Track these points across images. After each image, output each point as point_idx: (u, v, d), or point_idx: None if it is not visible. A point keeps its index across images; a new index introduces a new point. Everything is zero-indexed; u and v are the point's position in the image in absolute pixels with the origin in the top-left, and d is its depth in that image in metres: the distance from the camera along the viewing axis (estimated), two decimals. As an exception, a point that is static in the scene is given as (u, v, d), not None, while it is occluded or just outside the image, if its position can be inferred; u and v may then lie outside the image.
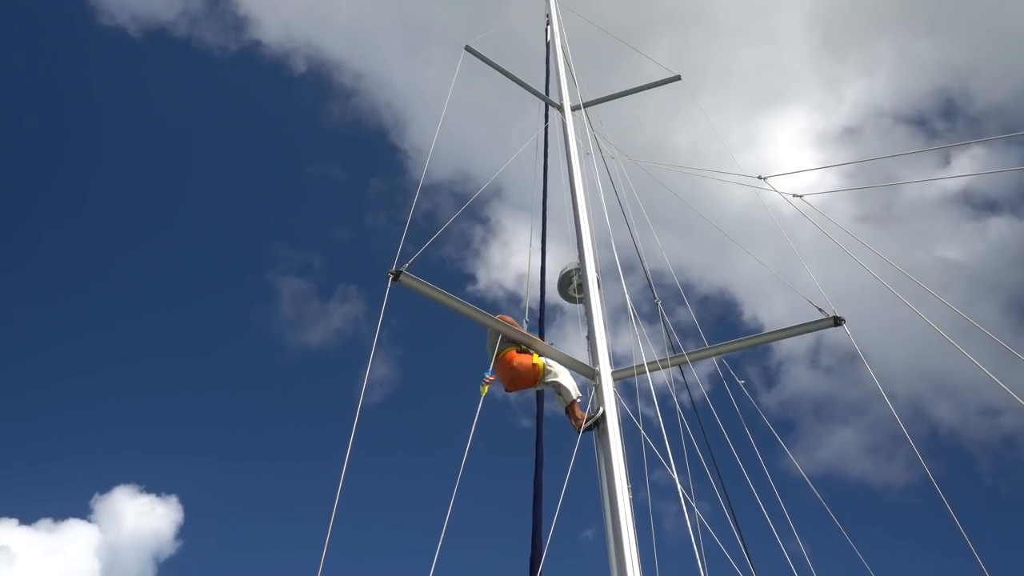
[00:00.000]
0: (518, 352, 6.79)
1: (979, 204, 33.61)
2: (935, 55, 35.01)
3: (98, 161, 38.65)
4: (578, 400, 6.58)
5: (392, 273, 6.09)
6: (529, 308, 7.74)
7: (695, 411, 6.87)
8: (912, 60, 35.52)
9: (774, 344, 7.17)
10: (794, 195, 7.40)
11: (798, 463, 6.38)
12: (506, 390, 6.84)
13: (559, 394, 6.63)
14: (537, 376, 6.68)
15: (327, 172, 43.09)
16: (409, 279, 6.17)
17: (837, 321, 6.63)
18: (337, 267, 42.85)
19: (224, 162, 42.28)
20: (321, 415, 38.78)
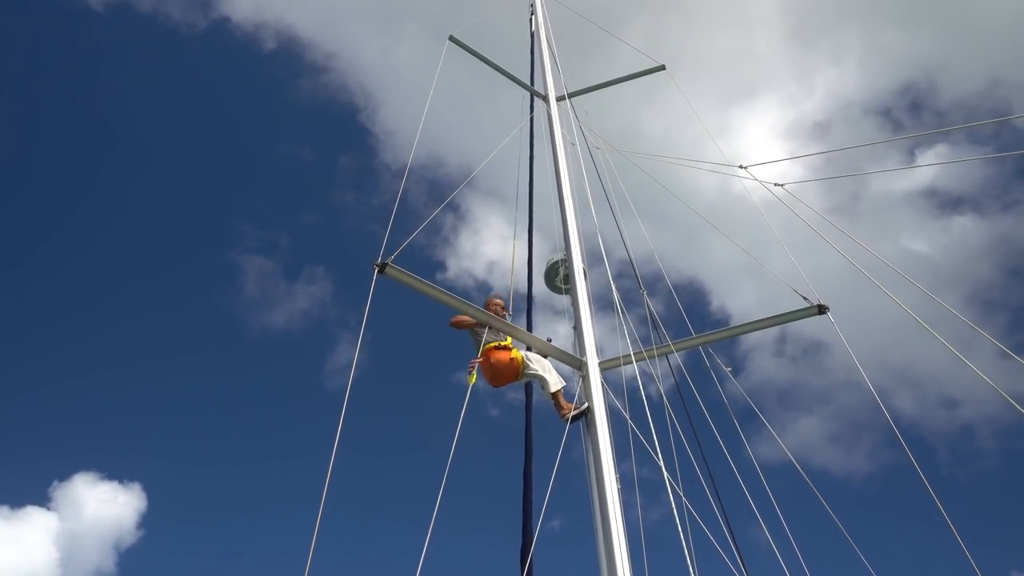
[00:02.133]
0: (496, 349, 6.83)
1: (943, 201, 34.01)
2: (903, 47, 35.27)
3: (60, 137, 37.80)
4: (562, 389, 6.61)
5: (377, 265, 6.06)
6: (502, 296, 7.74)
7: (682, 400, 6.91)
8: (880, 51, 35.77)
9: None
10: (775, 184, 7.43)
11: (766, 450, 6.47)
12: (492, 386, 6.87)
13: (542, 386, 6.67)
14: (517, 370, 6.73)
15: (295, 151, 42.33)
16: (395, 271, 6.15)
17: (821, 309, 6.68)
18: (304, 247, 41.70)
19: (189, 139, 41.28)
20: (287, 399, 38.02)
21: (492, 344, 6.87)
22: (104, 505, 30.77)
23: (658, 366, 6.62)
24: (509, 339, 6.92)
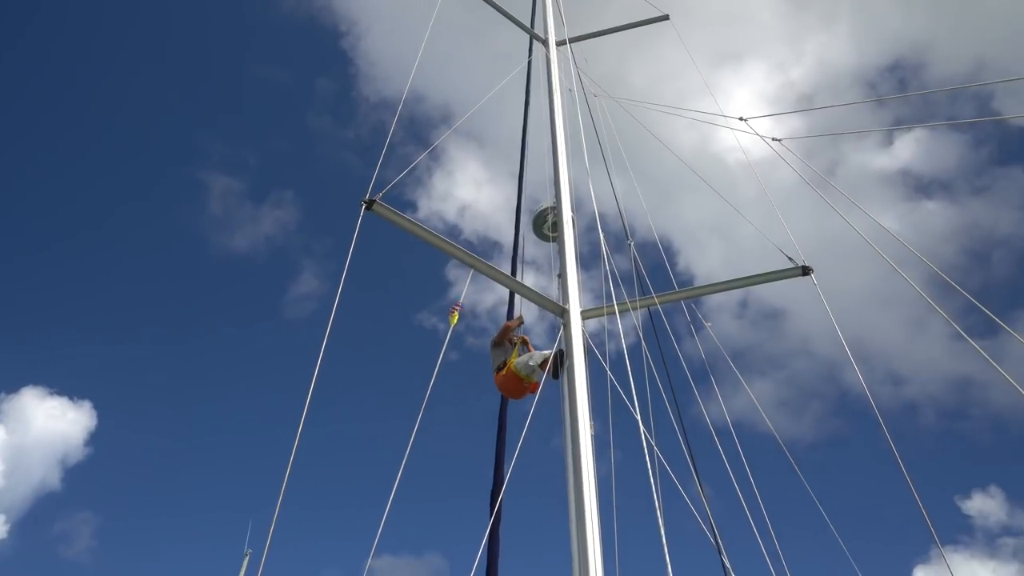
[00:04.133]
0: (498, 373, 6.88)
1: (916, 182, 34.10)
2: (895, 21, 34.80)
3: (29, 44, 35.90)
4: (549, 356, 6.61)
5: (365, 202, 6.01)
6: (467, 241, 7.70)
7: (660, 351, 6.98)
8: (872, 21, 35.29)
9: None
10: (773, 138, 7.38)
11: (719, 410, 6.60)
12: (517, 399, 6.91)
13: (540, 368, 6.59)
14: (522, 380, 6.71)
15: (271, 71, 40.57)
16: (383, 209, 6.10)
17: (806, 271, 6.71)
18: (272, 170, 39.99)
19: (162, 46, 39.30)
20: (246, 324, 37.32)
21: (498, 368, 6.92)
22: (52, 420, 30.67)
23: (640, 317, 6.66)
24: (511, 360, 6.87)
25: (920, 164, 34.21)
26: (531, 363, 6.60)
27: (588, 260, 7.18)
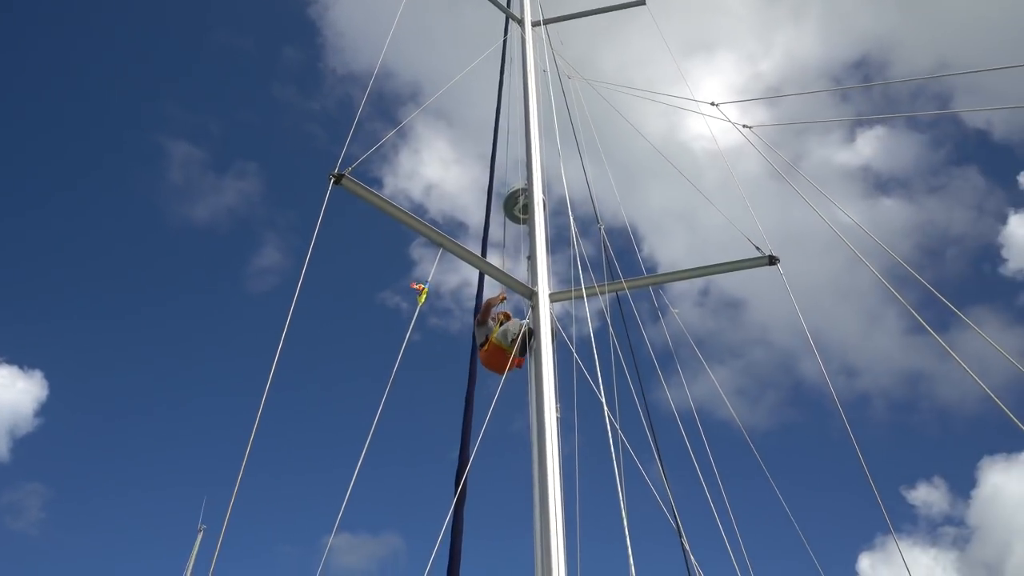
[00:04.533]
0: (482, 349, 6.80)
1: (876, 180, 34.80)
2: (862, 17, 35.27)
3: None
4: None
5: (334, 176, 5.91)
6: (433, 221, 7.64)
7: (627, 336, 7.01)
8: (840, 16, 35.73)
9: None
10: (744, 125, 7.41)
11: (684, 393, 6.68)
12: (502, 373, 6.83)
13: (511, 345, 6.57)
14: (505, 352, 6.57)
15: (236, 37, 39.21)
16: (352, 184, 6.01)
17: (772, 260, 6.78)
18: (235, 140, 38.78)
19: (116, 4, 37.88)
20: (204, 296, 36.20)
21: (482, 344, 6.84)
22: (1, 390, 29.99)
23: (607, 301, 6.69)
24: (492, 334, 6.80)
25: (880, 162, 35.00)
26: (509, 334, 6.58)
27: (555, 244, 7.18)
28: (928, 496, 28.68)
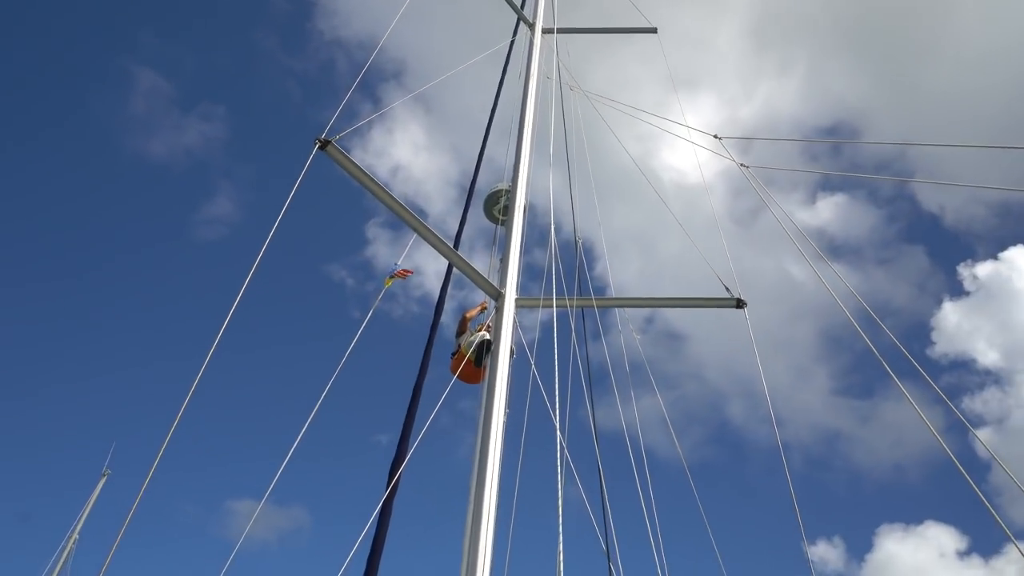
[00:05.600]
0: (452, 358, 6.73)
1: (830, 244, 35.77)
2: (842, 83, 36.35)
3: None
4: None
5: (320, 141, 5.77)
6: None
7: (586, 351, 6.97)
8: (821, 76, 36.80)
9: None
10: (741, 164, 7.45)
11: (617, 416, 6.70)
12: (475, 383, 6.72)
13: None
14: (471, 361, 6.46)
15: None
16: (337, 152, 5.87)
17: (740, 304, 6.79)
18: (206, 79, 37.34)
19: None
20: (148, 233, 34.67)
21: (452, 353, 6.78)
22: None
23: (573, 315, 6.63)
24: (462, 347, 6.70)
25: (836, 226, 36.10)
26: (472, 340, 6.47)
27: (528, 250, 7.13)
28: (825, 554, 29.31)
